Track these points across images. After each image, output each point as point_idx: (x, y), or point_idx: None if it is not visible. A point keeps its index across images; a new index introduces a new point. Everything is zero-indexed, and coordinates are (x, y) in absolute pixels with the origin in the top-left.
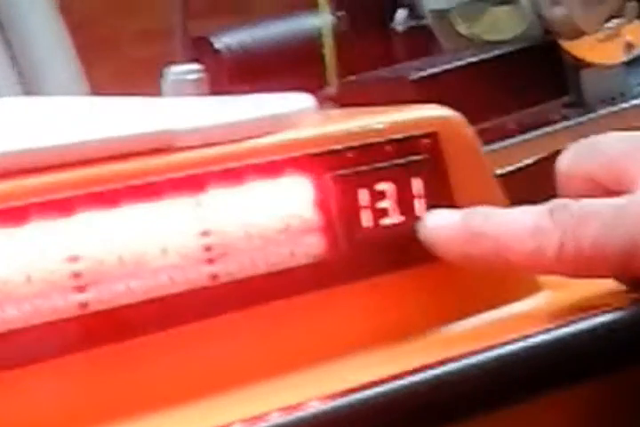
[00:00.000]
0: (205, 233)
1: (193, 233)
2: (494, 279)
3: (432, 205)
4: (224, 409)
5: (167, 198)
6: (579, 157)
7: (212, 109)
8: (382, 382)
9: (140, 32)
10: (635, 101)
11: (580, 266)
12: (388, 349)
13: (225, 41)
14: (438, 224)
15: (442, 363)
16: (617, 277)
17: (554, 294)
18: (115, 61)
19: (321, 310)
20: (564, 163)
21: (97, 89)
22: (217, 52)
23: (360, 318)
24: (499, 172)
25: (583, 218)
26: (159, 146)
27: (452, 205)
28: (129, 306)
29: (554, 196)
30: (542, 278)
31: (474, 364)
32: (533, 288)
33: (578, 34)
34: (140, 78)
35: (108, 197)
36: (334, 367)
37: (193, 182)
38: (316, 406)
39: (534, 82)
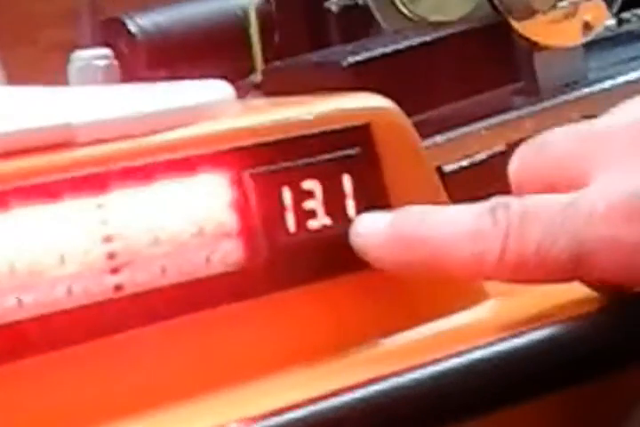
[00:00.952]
0: (108, 239)
1: (94, 239)
2: (437, 287)
3: (365, 205)
4: None
5: (65, 200)
6: (526, 161)
7: (120, 100)
8: (303, 404)
9: (57, 15)
10: (593, 88)
11: (523, 272)
12: (315, 366)
13: (139, 23)
14: (367, 230)
15: (372, 381)
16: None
17: (502, 301)
18: (29, 47)
19: (240, 324)
20: (512, 169)
21: (12, 78)
22: (131, 34)
23: (285, 332)
24: (441, 169)
25: (527, 218)
26: (57, 141)
27: (387, 205)
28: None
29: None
30: (490, 285)
31: (407, 382)
32: (481, 296)
33: (530, 13)
34: (55, 65)
35: None
36: (254, 388)
37: (94, 182)
38: None
39: (482, 67)
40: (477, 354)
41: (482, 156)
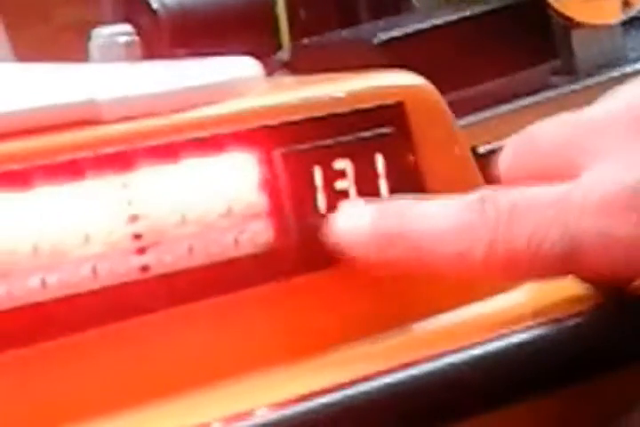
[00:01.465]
0: (134, 218)
1: (120, 218)
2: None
3: (398, 186)
4: (155, 418)
5: (90, 179)
6: (516, 154)
7: (144, 77)
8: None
9: None
10: (633, 67)
11: (513, 268)
12: (344, 351)
13: None
14: (346, 226)
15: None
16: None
17: (538, 286)
18: (41, 26)
19: (269, 307)
20: (502, 163)
21: (22, 57)
22: (153, 11)
23: (316, 315)
24: (475, 150)
25: (516, 211)
26: (82, 118)
27: (421, 185)
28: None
29: None
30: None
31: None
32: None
33: None
34: (68, 44)
35: (20, 178)
36: (286, 373)
37: (120, 160)
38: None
39: (517, 45)
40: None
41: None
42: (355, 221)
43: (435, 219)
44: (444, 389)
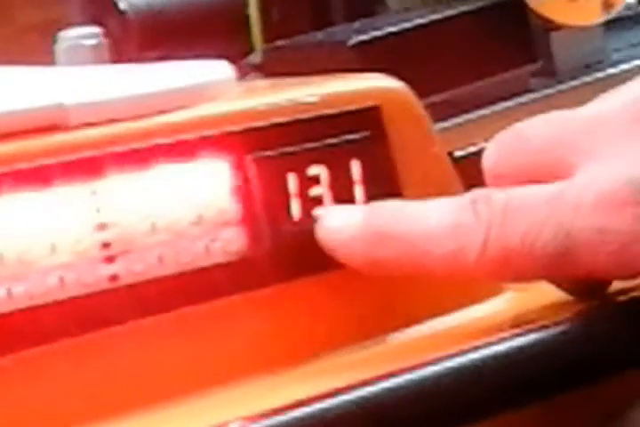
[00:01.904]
0: (102, 227)
1: (88, 227)
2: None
3: (374, 192)
4: None
5: (57, 186)
6: (504, 151)
7: (113, 80)
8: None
9: None
10: (613, 70)
11: (507, 268)
12: (319, 361)
13: (131, 0)
14: (336, 224)
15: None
16: (550, 282)
17: (519, 294)
18: (4, 27)
19: (241, 317)
20: (489, 160)
21: None
22: (121, 12)
23: (289, 326)
24: (454, 154)
25: (509, 210)
26: (48, 123)
27: (398, 191)
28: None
29: None
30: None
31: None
32: (496, 288)
33: None
34: (32, 46)
35: None
36: (256, 385)
37: (88, 166)
38: None
39: (496, 47)
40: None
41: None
42: (345, 220)
43: (427, 219)
44: (430, 398)
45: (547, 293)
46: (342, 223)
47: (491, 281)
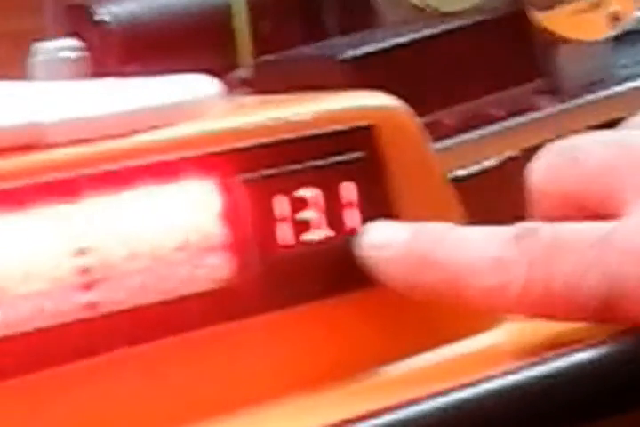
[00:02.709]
0: (80, 252)
1: (65, 252)
2: (447, 308)
3: (368, 216)
4: None
5: (32, 208)
6: (553, 168)
7: (93, 97)
8: None
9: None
10: (621, 87)
11: (547, 308)
12: (313, 396)
13: (111, 10)
14: (380, 242)
15: (372, 414)
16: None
17: (518, 326)
18: None
19: (228, 348)
20: (536, 176)
21: None
22: (101, 24)
23: (279, 358)
24: (452, 175)
25: (555, 249)
26: (24, 142)
27: (393, 215)
28: None
29: (520, 205)
30: None
31: (410, 416)
32: (495, 319)
33: (552, 3)
34: (4, 57)
35: None
36: (243, 420)
37: (66, 188)
38: None
39: (497, 63)
40: (494, 384)
41: (492, 162)
42: (389, 238)
43: (472, 249)
44: None
45: (548, 323)
46: (386, 241)
47: (531, 318)
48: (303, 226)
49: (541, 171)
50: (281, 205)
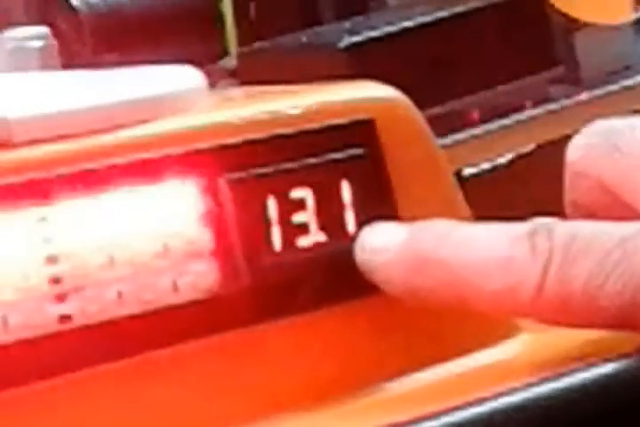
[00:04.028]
0: (52, 259)
1: (35, 259)
2: (457, 318)
3: (367, 218)
4: None
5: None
6: (592, 150)
7: (64, 90)
8: None
9: None
10: None
11: (563, 314)
12: (305, 412)
13: None
14: (378, 244)
15: None
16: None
17: (536, 337)
18: None
19: (214, 363)
20: (574, 154)
21: None
22: (73, 9)
23: (269, 372)
24: (460, 173)
25: (573, 249)
26: None
27: (394, 217)
28: None
29: (534, 204)
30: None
31: None
32: (511, 330)
33: None
34: None
35: None
36: None
37: (36, 190)
38: None
39: (510, 50)
40: (505, 400)
41: (506, 158)
42: (386, 240)
43: (480, 248)
44: None
45: (567, 334)
46: (383, 244)
47: (547, 324)
48: (297, 230)
49: (580, 150)
50: (272, 207)
